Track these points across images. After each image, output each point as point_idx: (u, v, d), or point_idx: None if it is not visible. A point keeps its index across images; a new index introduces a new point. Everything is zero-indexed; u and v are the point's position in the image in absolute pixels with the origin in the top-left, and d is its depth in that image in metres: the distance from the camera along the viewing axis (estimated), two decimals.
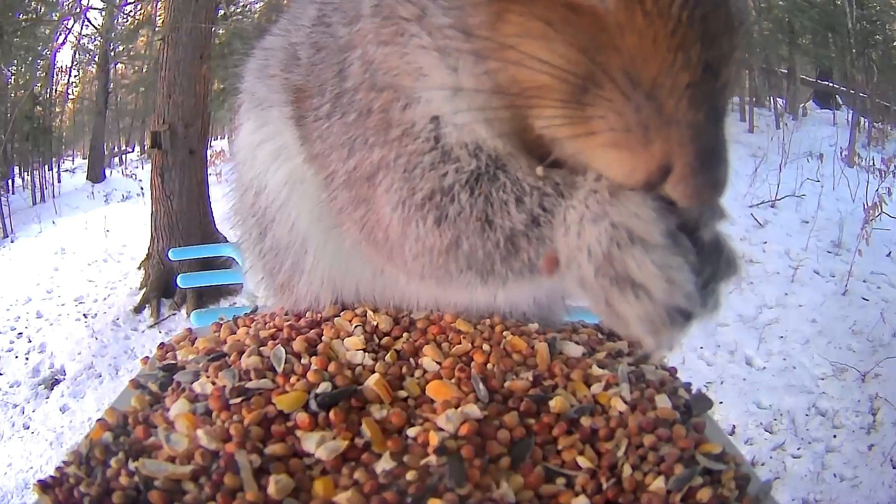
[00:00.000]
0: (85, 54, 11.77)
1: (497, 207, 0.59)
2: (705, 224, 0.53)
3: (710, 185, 0.47)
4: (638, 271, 0.49)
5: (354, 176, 0.64)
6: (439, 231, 0.61)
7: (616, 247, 0.50)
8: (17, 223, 8.69)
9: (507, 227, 0.59)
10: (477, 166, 0.59)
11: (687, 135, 0.46)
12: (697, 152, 0.46)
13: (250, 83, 0.83)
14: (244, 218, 0.85)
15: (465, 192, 0.59)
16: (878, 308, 4.40)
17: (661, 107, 0.46)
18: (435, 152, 0.60)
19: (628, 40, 0.47)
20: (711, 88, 0.47)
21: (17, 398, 4.40)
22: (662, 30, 0.46)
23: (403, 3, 0.58)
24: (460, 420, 0.59)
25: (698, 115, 0.46)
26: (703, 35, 0.47)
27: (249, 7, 9.12)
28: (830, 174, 6.47)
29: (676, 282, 0.48)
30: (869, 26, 8.64)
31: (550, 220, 0.57)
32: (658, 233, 0.49)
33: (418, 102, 0.60)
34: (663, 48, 0.46)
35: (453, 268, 0.62)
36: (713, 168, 0.47)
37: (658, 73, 0.46)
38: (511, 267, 0.60)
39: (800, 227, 5.58)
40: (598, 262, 0.51)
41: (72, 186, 11.11)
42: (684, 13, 0.46)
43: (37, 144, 10.45)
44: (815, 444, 3.40)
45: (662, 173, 0.47)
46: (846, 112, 8.81)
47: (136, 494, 0.53)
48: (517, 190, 0.58)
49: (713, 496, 0.54)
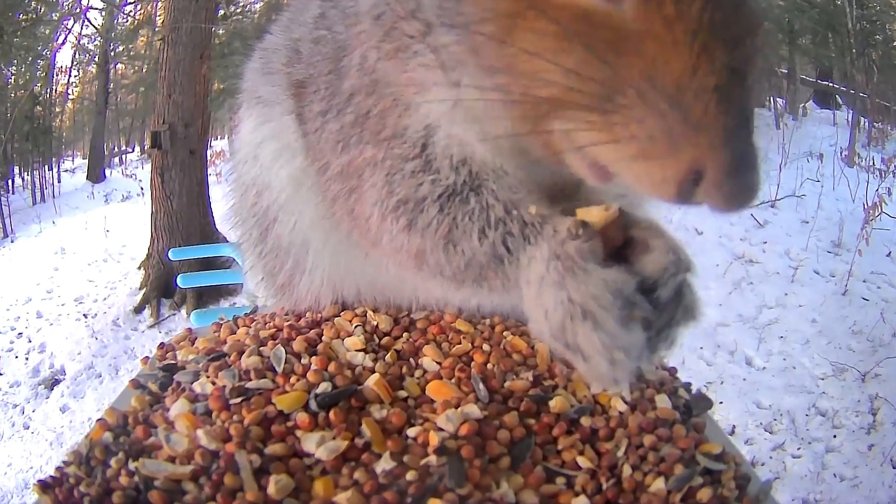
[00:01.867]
0: (85, 54, 11.76)
1: (461, 231, 0.60)
2: (665, 283, 0.53)
3: (746, 190, 0.45)
4: (586, 345, 0.51)
5: (348, 170, 0.65)
6: (409, 236, 0.62)
7: (569, 319, 0.52)
8: (17, 223, 8.69)
9: (468, 254, 0.59)
10: (454, 182, 0.60)
11: (718, 139, 0.44)
12: (731, 156, 0.44)
13: (251, 81, 0.83)
14: (244, 218, 0.85)
15: (435, 207, 0.60)
16: (878, 308, 4.40)
17: (687, 112, 0.44)
18: (418, 160, 0.60)
19: (648, 47, 0.45)
20: (739, 91, 0.46)
21: (17, 398, 4.40)
22: (683, 35, 0.45)
23: (408, 20, 0.57)
24: (460, 420, 0.59)
25: (728, 118, 0.44)
26: (726, 38, 0.46)
27: (249, 7, 9.12)
28: (830, 174, 6.46)
29: (618, 362, 0.50)
30: (869, 26, 8.63)
31: (514, 261, 0.57)
32: (611, 317, 0.50)
33: (416, 110, 0.60)
34: (685, 53, 0.45)
35: (426, 271, 0.63)
36: (747, 172, 0.45)
37: (681, 78, 0.45)
38: (480, 286, 0.61)
39: (800, 227, 5.57)
40: (552, 327, 0.53)
41: (72, 186, 11.10)
42: (704, 16, 0.45)
43: (37, 144, 10.44)
44: (815, 444, 3.39)
45: (694, 181, 0.45)
46: (846, 112, 8.81)
47: (136, 494, 0.53)
48: (482, 219, 0.59)
49: (713, 496, 0.54)
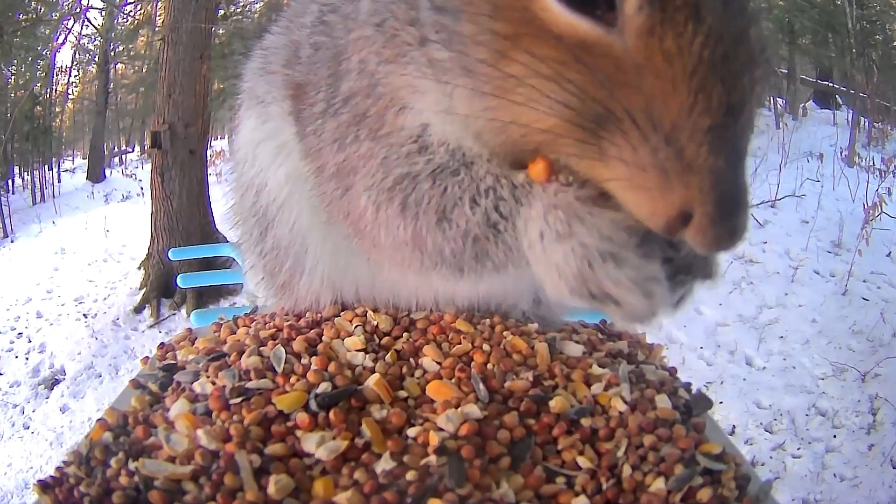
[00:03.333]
0: (85, 54, 11.79)
1: (452, 202, 0.59)
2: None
3: (729, 235, 0.46)
4: (614, 288, 0.49)
5: (343, 168, 0.65)
6: (403, 218, 0.61)
7: (588, 266, 0.50)
8: (17, 223, 8.70)
9: (462, 226, 0.58)
10: (447, 161, 0.60)
11: (708, 182, 0.44)
12: (718, 201, 0.44)
13: (251, 81, 0.83)
14: (244, 218, 0.85)
15: (428, 181, 0.60)
16: (878, 308, 4.40)
17: (680, 151, 0.44)
18: (413, 145, 0.61)
19: (647, 81, 0.45)
20: (733, 131, 0.45)
21: (17, 398, 4.41)
22: (682, 71, 0.44)
23: (407, 28, 0.57)
24: (460, 420, 0.59)
25: (719, 161, 0.44)
26: (725, 75, 0.45)
27: (249, 7, 9.14)
28: (830, 174, 6.47)
29: (654, 293, 0.49)
30: (869, 26, 8.64)
31: (510, 227, 0.57)
32: (632, 252, 0.49)
33: (412, 110, 0.60)
34: (683, 90, 0.44)
35: (427, 261, 0.62)
36: (733, 216, 0.45)
37: (677, 116, 0.45)
38: (483, 265, 0.60)
39: (800, 227, 5.58)
40: (570, 282, 0.51)
41: (72, 186, 11.12)
42: (705, 53, 0.45)
43: (37, 144, 10.46)
44: (815, 444, 3.40)
45: (683, 219, 0.45)
46: (846, 112, 8.82)
47: (136, 494, 0.53)
48: (472, 189, 0.58)
49: (713, 496, 0.54)
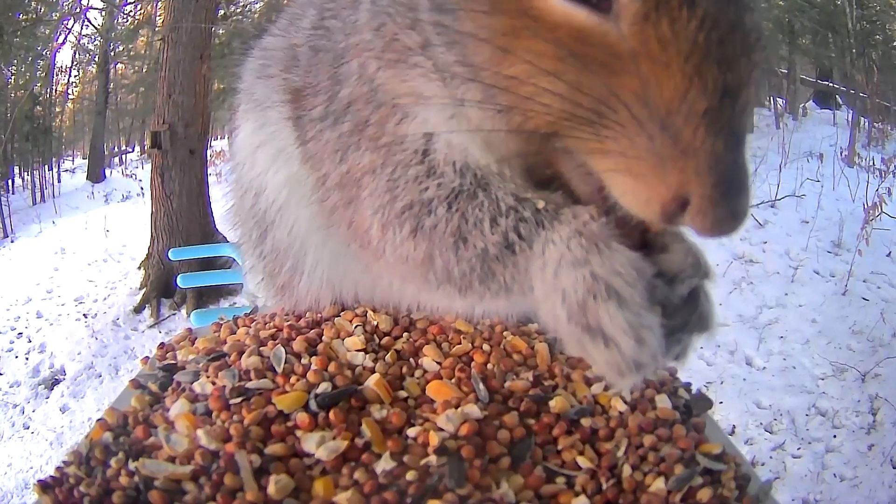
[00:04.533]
0: (85, 54, 11.78)
1: (471, 224, 0.58)
2: (681, 281, 0.52)
3: (730, 217, 0.45)
4: (610, 326, 0.49)
5: (346, 179, 0.64)
6: (414, 242, 0.60)
7: (592, 298, 0.50)
8: (17, 223, 8.69)
9: (479, 246, 0.58)
10: (460, 184, 0.59)
11: (704, 165, 0.44)
12: (716, 183, 0.44)
13: (249, 83, 0.83)
14: (244, 219, 0.85)
15: (443, 206, 0.59)
16: (878, 308, 4.40)
17: (677, 135, 0.44)
18: (420, 167, 0.60)
19: (642, 66, 0.45)
20: (730, 114, 0.45)
21: (17, 398, 4.40)
22: (677, 55, 0.44)
23: (408, 32, 0.57)
24: (460, 420, 0.59)
25: (717, 144, 0.44)
26: (720, 59, 0.45)
27: (249, 7, 9.12)
28: (830, 174, 6.46)
29: (646, 341, 0.49)
30: (869, 26, 8.64)
31: (527, 249, 0.56)
32: (637, 293, 0.49)
33: (414, 118, 0.60)
34: (678, 74, 0.44)
35: (432, 279, 0.62)
36: (733, 199, 0.45)
37: (673, 101, 0.44)
38: (488, 287, 0.60)
39: (800, 227, 5.57)
40: (571, 308, 0.51)
41: (72, 186, 11.10)
42: (700, 36, 0.45)
43: (37, 144, 10.46)
44: (815, 444, 3.39)
45: (680, 205, 0.45)
46: (846, 112, 8.81)
47: (136, 494, 0.53)
48: (493, 209, 0.57)
49: (713, 496, 0.54)
